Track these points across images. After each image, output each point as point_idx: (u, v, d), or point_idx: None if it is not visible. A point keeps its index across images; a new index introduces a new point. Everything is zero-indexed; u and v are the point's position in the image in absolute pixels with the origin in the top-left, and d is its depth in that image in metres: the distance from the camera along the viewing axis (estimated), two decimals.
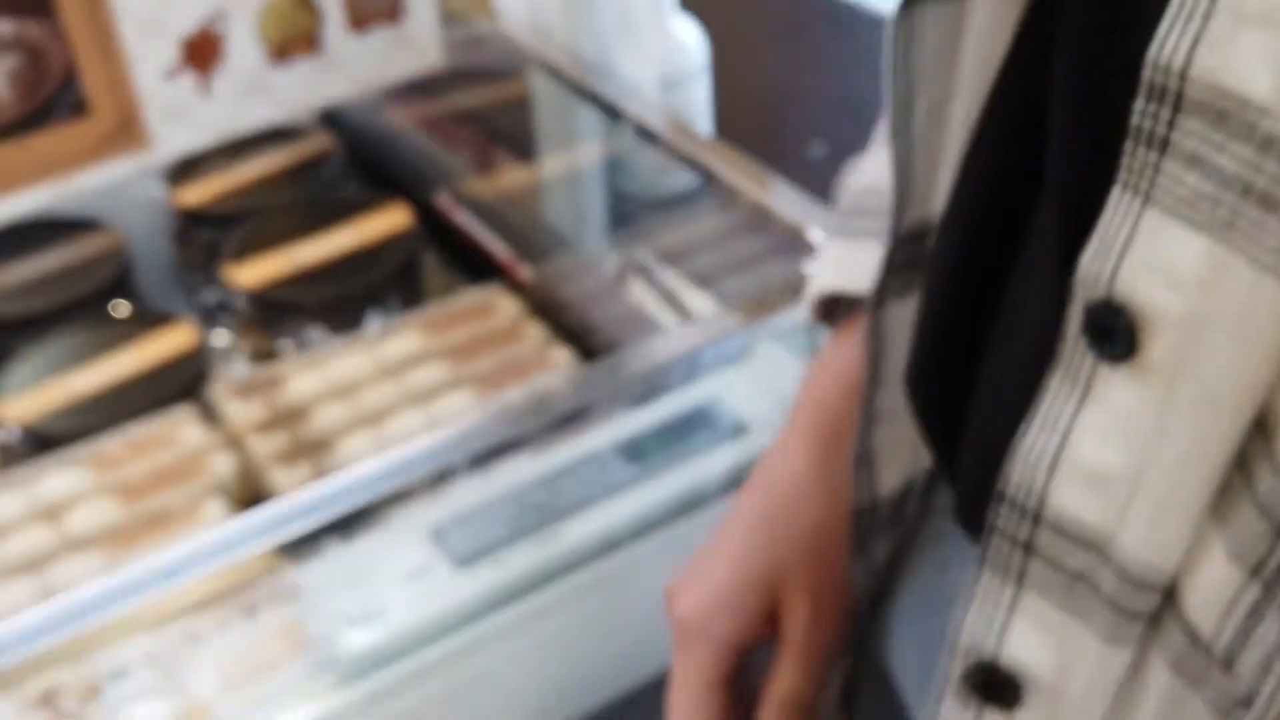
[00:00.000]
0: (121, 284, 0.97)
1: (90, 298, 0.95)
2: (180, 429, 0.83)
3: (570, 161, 0.93)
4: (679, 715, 0.43)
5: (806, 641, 0.42)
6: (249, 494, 0.80)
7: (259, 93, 0.79)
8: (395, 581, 0.59)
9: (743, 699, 0.44)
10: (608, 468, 0.64)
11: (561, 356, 0.86)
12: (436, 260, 0.99)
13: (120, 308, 0.96)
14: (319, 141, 1.06)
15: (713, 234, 0.97)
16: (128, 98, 0.74)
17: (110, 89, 0.74)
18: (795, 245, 0.69)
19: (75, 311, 0.93)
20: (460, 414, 0.83)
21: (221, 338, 0.94)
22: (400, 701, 0.57)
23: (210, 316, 0.97)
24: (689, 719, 0.43)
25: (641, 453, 0.65)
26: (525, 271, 0.91)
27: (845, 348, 0.45)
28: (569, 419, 0.56)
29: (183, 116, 0.77)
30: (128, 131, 0.75)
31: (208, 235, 1.00)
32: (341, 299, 0.92)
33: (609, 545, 0.62)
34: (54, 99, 0.72)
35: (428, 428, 0.82)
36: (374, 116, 1.08)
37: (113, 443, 0.82)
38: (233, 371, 0.93)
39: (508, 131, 0.99)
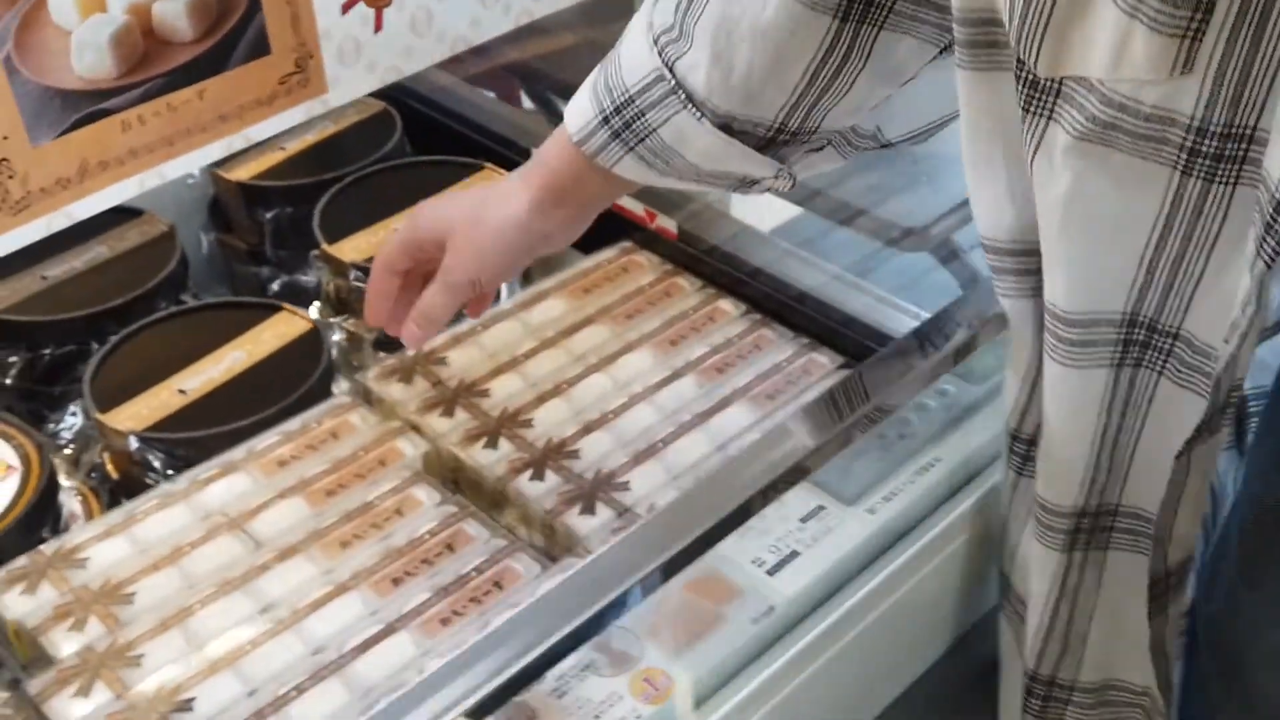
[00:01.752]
0: (182, 274, 0.85)
1: (154, 291, 0.82)
2: (343, 419, 0.73)
3: None
4: (376, 264, 0.68)
5: (454, 274, 0.64)
6: (448, 477, 0.72)
7: (426, 30, 0.71)
8: (793, 525, 0.54)
9: None
10: (946, 395, 0.61)
11: (730, 306, 0.82)
12: None
13: (200, 297, 0.84)
14: (370, 107, 0.96)
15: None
16: (310, 35, 0.65)
17: (292, 24, 0.64)
18: None
19: (143, 306, 0.81)
20: (647, 373, 0.77)
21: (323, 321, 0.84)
22: (835, 643, 0.53)
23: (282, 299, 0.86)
24: (376, 273, 0.67)
25: (971, 373, 0.62)
26: (664, 223, 0.85)
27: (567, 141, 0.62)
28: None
29: (356, 57, 0.68)
30: (305, 73, 0.66)
31: (269, 214, 0.89)
32: None
33: (972, 468, 0.59)
34: (234, 35, 0.62)
35: (618, 391, 0.76)
36: (419, 79, 0.99)
37: (268, 441, 0.71)
38: (342, 353, 0.83)
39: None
